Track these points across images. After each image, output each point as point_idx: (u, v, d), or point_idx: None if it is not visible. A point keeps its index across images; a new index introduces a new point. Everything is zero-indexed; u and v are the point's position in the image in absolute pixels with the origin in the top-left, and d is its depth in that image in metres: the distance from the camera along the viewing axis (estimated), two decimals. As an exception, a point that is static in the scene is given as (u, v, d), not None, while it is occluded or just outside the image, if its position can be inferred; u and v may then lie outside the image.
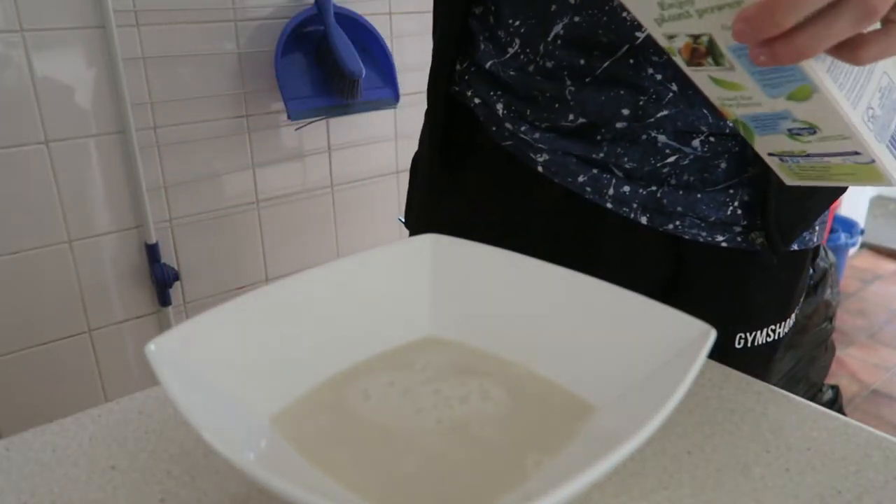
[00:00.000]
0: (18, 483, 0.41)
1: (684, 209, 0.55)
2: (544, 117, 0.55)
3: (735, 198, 0.56)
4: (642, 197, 0.55)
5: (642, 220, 0.56)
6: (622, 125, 0.53)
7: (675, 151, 0.53)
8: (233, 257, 1.41)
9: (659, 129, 0.52)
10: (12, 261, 1.15)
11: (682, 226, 0.56)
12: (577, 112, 0.53)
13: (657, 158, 0.53)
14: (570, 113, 0.54)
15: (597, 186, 0.55)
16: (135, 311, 1.31)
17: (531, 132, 0.56)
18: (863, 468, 0.41)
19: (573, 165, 0.55)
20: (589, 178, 0.55)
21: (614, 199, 0.55)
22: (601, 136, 0.54)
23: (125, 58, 1.17)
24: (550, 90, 0.54)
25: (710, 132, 0.52)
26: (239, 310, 0.43)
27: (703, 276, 0.60)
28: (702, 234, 0.56)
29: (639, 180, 0.55)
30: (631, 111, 0.52)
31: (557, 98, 0.54)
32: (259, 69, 1.33)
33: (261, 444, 0.38)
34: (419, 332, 0.50)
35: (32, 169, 1.14)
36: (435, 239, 0.51)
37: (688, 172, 0.54)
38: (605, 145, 0.54)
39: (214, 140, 1.32)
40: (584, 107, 0.53)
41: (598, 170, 0.55)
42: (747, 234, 0.57)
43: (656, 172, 0.54)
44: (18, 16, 1.07)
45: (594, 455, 0.30)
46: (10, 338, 1.18)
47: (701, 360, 0.36)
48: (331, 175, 1.49)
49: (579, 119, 0.53)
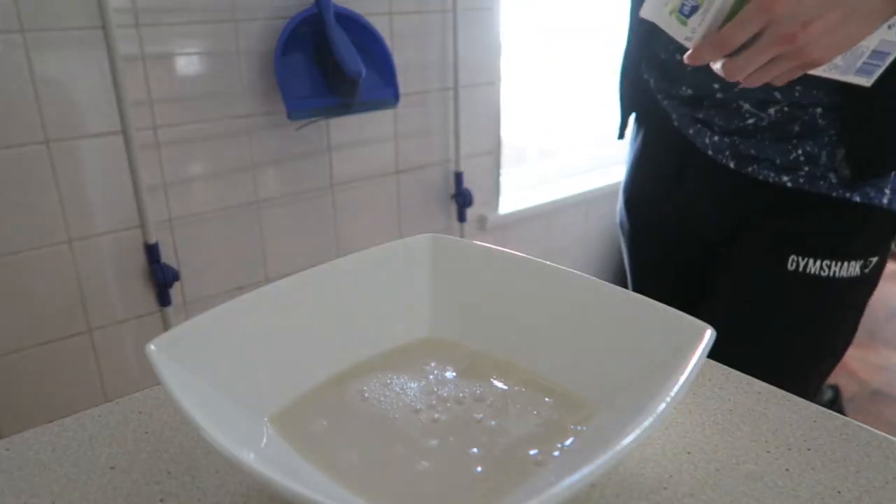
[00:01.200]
0: (18, 483, 0.41)
1: (757, 153, 0.73)
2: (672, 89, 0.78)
3: (798, 147, 0.71)
4: (728, 145, 0.75)
5: (731, 164, 0.75)
6: (719, 96, 0.73)
7: (754, 115, 0.72)
8: (233, 257, 1.41)
9: (743, 99, 0.71)
10: (12, 261, 1.15)
11: (758, 168, 0.73)
12: (688, 85, 0.75)
13: (740, 119, 0.73)
14: (684, 86, 0.76)
15: (701, 136, 0.77)
16: (135, 311, 1.31)
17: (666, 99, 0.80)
18: (863, 468, 0.41)
19: (687, 122, 0.78)
20: (695, 130, 0.77)
21: (712, 146, 0.76)
22: (705, 103, 0.75)
23: (125, 58, 1.17)
24: (674, 69, 0.76)
25: (785, 103, 0.70)
26: (239, 310, 0.43)
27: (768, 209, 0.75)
28: (771, 174, 0.73)
29: (727, 134, 0.74)
30: (721, 85, 0.72)
31: (679, 75, 0.76)
32: (259, 69, 1.32)
33: (260, 444, 0.38)
34: (419, 332, 0.50)
35: (32, 169, 1.14)
36: (435, 239, 0.51)
37: (765, 130, 0.72)
38: (704, 109, 0.75)
39: (214, 140, 1.32)
40: (694, 83, 0.74)
41: (701, 125, 0.76)
42: (811, 178, 0.71)
43: (740, 129, 0.73)
44: (18, 16, 1.07)
45: (594, 454, 0.30)
46: (10, 338, 1.18)
47: (700, 360, 0.36)
48: (331, 175, 1.49)
49: (689, 91, 0.75)
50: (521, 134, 1.99)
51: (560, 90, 2.08)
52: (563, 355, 0.45)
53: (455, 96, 1.62)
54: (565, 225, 2.06)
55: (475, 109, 1.69)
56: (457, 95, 1.62)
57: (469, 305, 0.50)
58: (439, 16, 1.55)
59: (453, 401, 0.43)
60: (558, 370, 0.45)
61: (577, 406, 0.42)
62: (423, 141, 1.63)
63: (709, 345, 0.37)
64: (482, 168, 1.77)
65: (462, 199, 1.71)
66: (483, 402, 0.43)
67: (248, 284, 1.43)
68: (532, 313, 0.48)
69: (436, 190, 1.69)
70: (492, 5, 1.64)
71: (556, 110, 2.10)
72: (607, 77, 2.32)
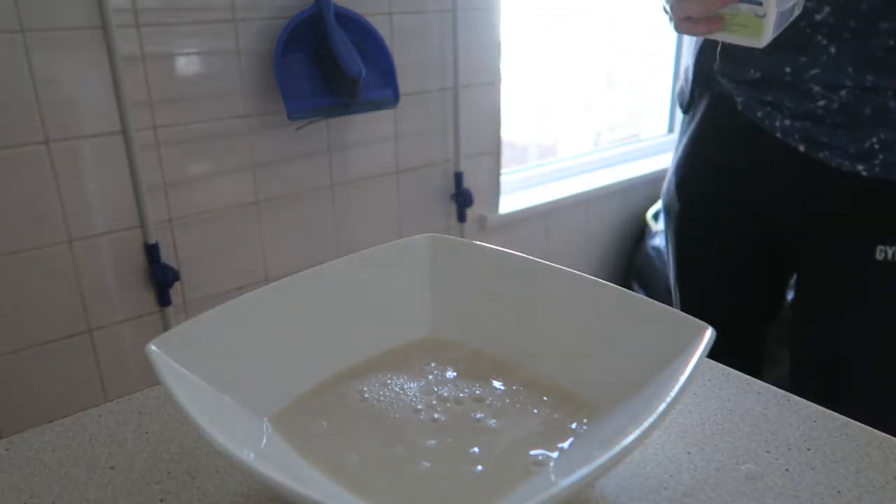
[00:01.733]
0: (18, 483, 0.41)
1: (829, 140, 0.72)
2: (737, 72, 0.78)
3: (873, 135, 0.70)
4: (799, 129, 0.74)
5: (800, 147, 0.74)
6: (789, 78, 0.72)
7: (824, 97, 0.71)
8: (233, 257, 1.41)
9: (813, 81, 0.71)
10: (12, 261, 1.15)
11: (831, 155, 0.72)
12: (756, 68, 0.75)
13: (811, 101, 0.72)
14: (752, 69, 0.75)
15: (770, 119, 0.76)
16: (135, 311, 1.31)
17: (731, 82, 0.79)
18: (863, 468, 0.41)
19: (755, 105, 0.77)
20: (763, 113, 0.76)
21: (781, 129, 0.75)
22: (774, 86, 0.74)
23: (125, 58, 1.17)
24: (740, 51, 0.73)
25: (855, 87, 0.69)
26: (239, 310, 0.43)
27: (844, 198, 0.74)
28: (845, 163, 0.72)
29: (797, 117, 0.74)
30: (791, 68, 0.72)
31: (745, 57, 0.75)
32: (259, 69, 1.32)
33: (260, 444, 0.38)
34: (419, 332, 0.50)
35: (32, 169, 1.14)
36: (434, 239, 0.51)
37: (836, 114, 0.71)
38: (773, 92, 0.74)
39: (214, 140, 1.32)
40: (762, 66, 0.74)
41: (770, 108, 0.75)
42: (887, 166, 0.70)
43: (810, 112, 0.72)
44: (18, 16, 1.07)
45: (594, 454, 0.30)
46: (10, 338, 1.18)
47: (700, 360, 0.36)
48: (331, 175, 1.49)
49: (757, 74, 0.75)
50: (521, 134, 1.99)
51: (560, 90, 2.08)
52: (563, 355, 0.45)
53: (455, 96, 1.62)
54: (565, 225, 2.05)
55: (475, 109, 1.69)
56: (457, 95, 1.62)
57: (469, 305, 0.50)
58: (439, 16, 1.55)
59: (453, 401, 0.43)
60: (558, 370, 0.45)
61: (577, 406, 0.42)
62: (423, 141, 1.63)
63: (709, 345, 0.37)
64: (482, 168, 1.77)
65: (462, 199, 1.71)
66: (483, 402, 0.43)
67: (248, 284, 1.43)
68: (532, 313, 0.47)
69: (436, 190, 1.69)
70: (492, 5, 1.64)
71: (556, 110, 2.10)
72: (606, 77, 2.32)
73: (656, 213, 2.14)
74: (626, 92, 2.38)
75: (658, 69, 2.38)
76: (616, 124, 2.37)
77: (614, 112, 2.36)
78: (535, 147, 2.13)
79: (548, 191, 2.01)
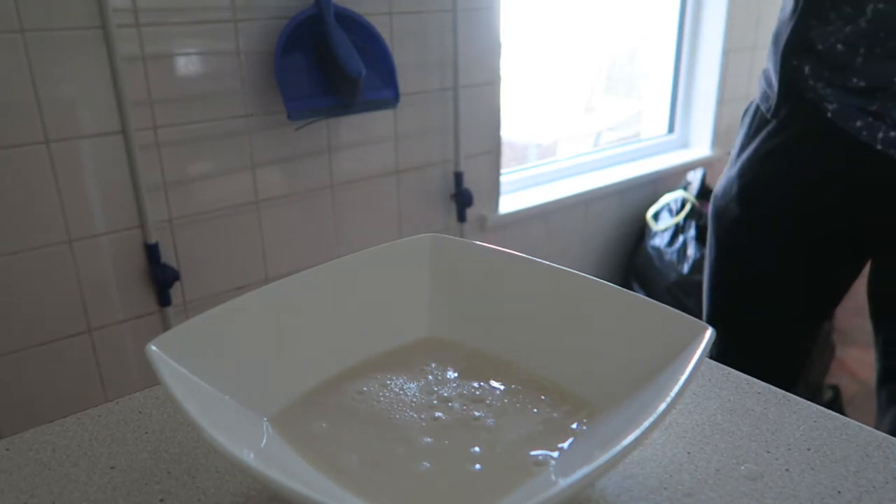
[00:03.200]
0: (18, 483, 0.41)
1: None
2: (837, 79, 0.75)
3: None
4: None
5: None
6: None
7: None
8: (233, 257, 1.41)
9: None
10: (12, 261, 1.15)
11: None
12: (860, 76, 0.73)
13: None
14: (855, 77, 0.73)
15: (871, 130, 0.73)
16: (135, 311, 1.31)
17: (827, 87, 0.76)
18: (863, 468, 0.41)
19: (854, 113, 0.74)
20: (864, 123, 0.73)
21: (883, 141, 0.72)
22: (879, 94, 0.72)
23: (125, 58, 1.17)
24: (840, 57, 0.73)
25: None
26: (239, 310, 0.43)
27: None
28: None
29: None
30: None
31: (847, 65, 0.73)
32: (259, 69, 1.33)
33: (260, 444, 0.38)
34: (419, 332, 0.50)
35: (32, 169, 1.14)
36: (434, 239, 0.51)
37: None
38: (879, 101, 0.72)
39: (214, 140, 1.32)
40: (867, 74, 0.72)
41: (873, 118, 0.73)
42: None
43: None
44: (18, 16, 1.07)
45: (594, 454, 0.30)
46: (10, 337, 1.18)
47: (700, 360, 0.36)
48: (331, 175, 1.49)
49: (861, 82, 0.73)
50: (521, 134, 1.99)
51: (560, 90, 2.08)
52: (563, 355, 0.45)
53: (455, 96, 1.62)
54: (565, 225, 2.06)
55: (475, 109, 1.69)
56: (457, 95, 1.62)
57: (469, 305, 0.50)
58: (439, 16, 1.55)
59: (453, 401, 0.43)
60: (558, 370, 0.45)
61: (577, 406, 0.42)
62: (423, 141, 1.63)
63: (709, 345, 0.37)
64: (482, 168, 1.77)
65: (462, 199, 1.71)
66: (483, 401, 0.43)
67: (248, 284, 1.43)
68: (532, 313, 0.47)
69: (436, 190, 1.69)
70: (492, 5, 1.64)
71: (556, 110, 2.10)
72: (605, 77, 2.32)
73: (656, 213, 2.14)
74: (627, 92, 2.38)
75: (658, 69, 2.38)
76: (616, 124, 2.37)
77: (614, 112, 2.36)
78: (535, 147, 2.14)
79: (548, 191, 2.01)
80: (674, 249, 2.01)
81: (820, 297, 0.90)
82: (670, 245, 2.03)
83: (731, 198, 0.89)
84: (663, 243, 2.05)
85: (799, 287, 0.88)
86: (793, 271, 0.87)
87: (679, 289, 1.96)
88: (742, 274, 0.91)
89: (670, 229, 2.05)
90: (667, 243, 2.04)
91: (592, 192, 2.05)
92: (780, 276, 0.88)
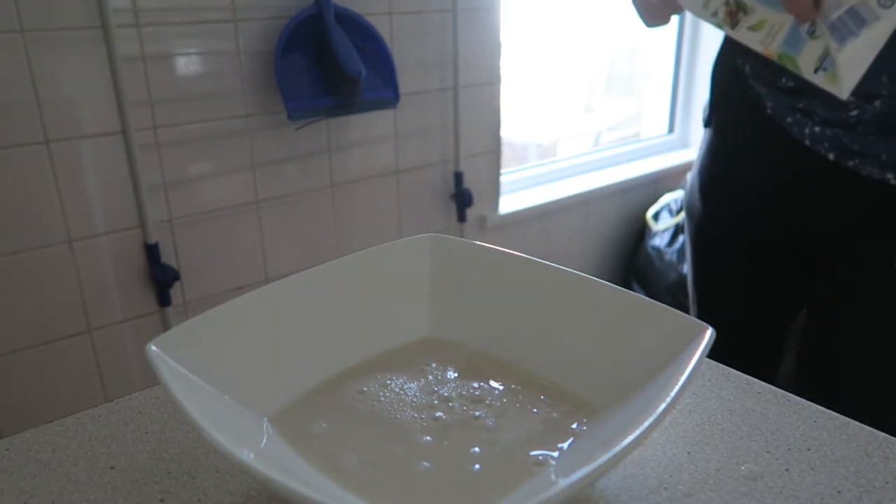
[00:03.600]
0: (18, 483, 0.41)
1: (860, 148, 0.71)
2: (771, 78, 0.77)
3: None
4: (829, 137, 0.73)
5: (830, 156, 0.73)
6: None
7: (858, 107, 0.70)
8: (233, 257, 1.41)
9: None
10: (12, 261, 1.15)
11: (861, 163, 0.72)
12: (788, 77, 0.74)
13: (843, 110, 0.71)
14: (784, 77, 0.75)
15: (800, 126, 0.75)
16: (135, 311, 1.31)
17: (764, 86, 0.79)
18: (863, 468, 0.41)
19: (786, 110, 0.77)
20: (794, 120, 0.76)
21: (810, 136, 0.75)
22: (806, 93, 0.74)
23: (125, 58, 1.17)
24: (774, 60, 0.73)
25: (890, 95, 0.68)
26: (239, 310, 0.43)
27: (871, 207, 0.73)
28: (875, 171, 0.71)
29: (828, 125, 0.73)
30: None
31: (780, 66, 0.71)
32: (259, 69, 1.33)
33: (260, 444, 0.38)
34: (419, 332, 0.50)
35: (32, 169, 1.14)
36: (434, 239, 0.51)
37: (869, 123, 0.70)
38: (806, 99, 0.74)
39: (214, 140, 1.32)
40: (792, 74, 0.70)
41: (801, 115, 0.75)
42: None
43: (843, 121, 0.72)
44: (18, 16, 1.07)
45: (594, 454, 0.30)
46: (10, 338, 1.18)
47: (700, 360, 0.36)
48: (331, 175, 1.49)
49: (789, 82, 0.75)
50: (521, 134, 1.99)
51: (560, 90, 2.08)
52: (563, 355, 0.45)
53: (455, 96, 1.62)
54: (565, 225, 2.06)
55: (475, 109, 1.69)
56: (457, 95, 1.62)
57: (469, 305, 0.50)
58: (439, 16, 1.55)
59: (453, 400, 0.43)
60: (558, 370, 0.45)
61: (577, 406, 0.42)
62: (423, 141, 1.63)
63: (709, 345, 0.37)
64: (482, 168, 1.77)
65: (462, 199, 1.71)
66: (483, 401, 0.43)
67: (248, 284, 1.43)
68: (532, 313, 0.47)
69: (436, 190, 1.69)
70: (492, 5, 1.64)
71: (556, 110, 2.10)
72: (605, 77, 2.32)
73: (656, 213, 2.14)
74: (627, 92, 2.38)
75: (658, 69, 2.38)
76: (616, 124, 2.37)
77: (614, 112, 2.36)
78: (535, 147, 2.14)
79: (548, 191, 2.01)
80: (674, 249, 2.01)
81: (781, 296, 0.90)
82: (670, 245, 2.03)
83: (694, 194, 0.93)
84: (663, 243, 2.05)
85: (762, 287, 0.88)
86: (746, 267, 0.89)
87: (679, 289, 1.96)
88: (708, 272, 0.93)
89: (670, 229, 2.05)
90: (667, 243, 2.04)
91: (592, 192, 2.05)
92: (744, 275, 0.89)
